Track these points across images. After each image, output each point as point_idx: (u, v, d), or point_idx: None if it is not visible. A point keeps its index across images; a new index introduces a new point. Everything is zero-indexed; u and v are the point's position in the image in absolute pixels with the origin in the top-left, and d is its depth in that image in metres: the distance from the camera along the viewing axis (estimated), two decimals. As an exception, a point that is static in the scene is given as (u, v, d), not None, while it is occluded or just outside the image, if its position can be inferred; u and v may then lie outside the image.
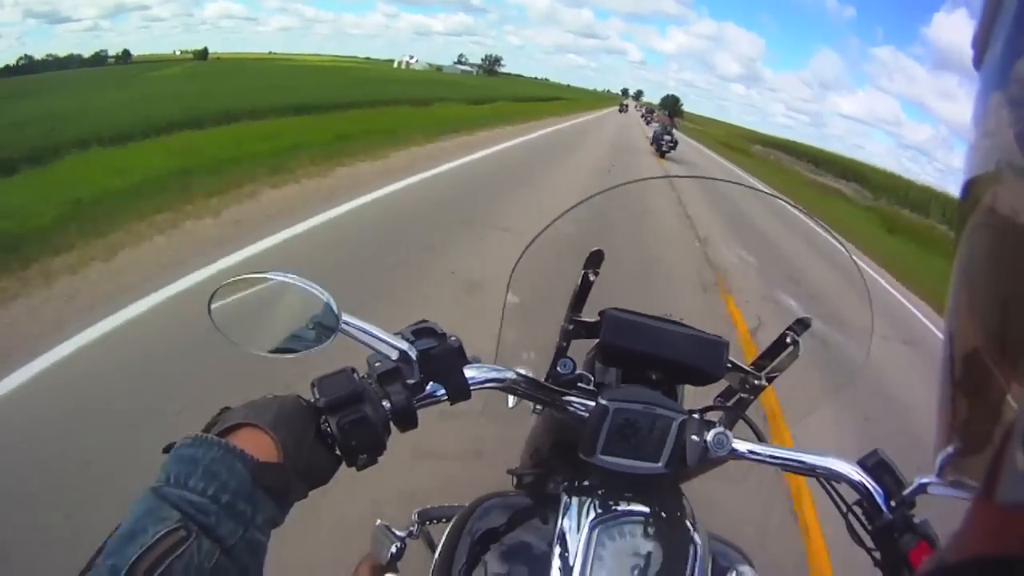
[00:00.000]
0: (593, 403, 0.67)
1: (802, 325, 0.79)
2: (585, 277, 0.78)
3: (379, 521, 1.15)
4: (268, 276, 0.55)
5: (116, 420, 2.14)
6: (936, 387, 0.26)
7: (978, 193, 0.22)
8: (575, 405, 0.69)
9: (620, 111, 57.60)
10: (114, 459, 1.88)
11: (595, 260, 0.78)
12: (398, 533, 1.09)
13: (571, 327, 0.81)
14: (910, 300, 7.47)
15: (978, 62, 0.24)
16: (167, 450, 0.46)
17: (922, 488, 0.66)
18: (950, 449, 0.24)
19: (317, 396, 0.54)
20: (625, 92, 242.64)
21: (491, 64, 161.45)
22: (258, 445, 0.47)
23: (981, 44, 0.24)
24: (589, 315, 0.81)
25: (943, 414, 0.25)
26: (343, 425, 0.53)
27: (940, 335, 0.26)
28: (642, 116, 48.56)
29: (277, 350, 0.58)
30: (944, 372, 0.25)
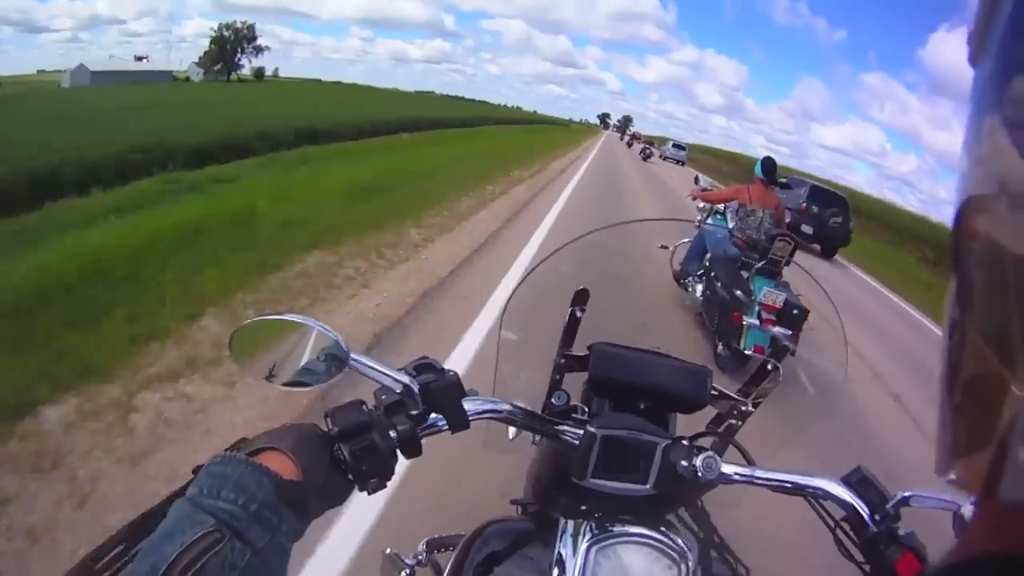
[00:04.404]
0: (583, 431, 0.71)
1: (783, 351, 0.84)
2: (572, 314, 0.83)
3: (388, 550, 1.17)
4: (284, 318, 0.61)
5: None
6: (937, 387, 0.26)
7: (974, 214, 0.23)
8: (568, 434, 0.73)
9: (628, 145, 45.59)
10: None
11: (581, 298, 0.83)
12: (407, 561, 1.11)
13: (563, 361, 0.85)
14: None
15: (974, 59, 0.24)
16: (196, 470, 0.51)
17: (904, 501, 0.70)
18: (951, 449, 0.24)
19: (330, 426, 0.59)
20: (604, 119, 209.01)
21: (232, 44, 63.11)
22: (280, 466, 0.51)
23: (977, 40, 0.24)
24: (580, 349, 0.85)
25: (944, 413, 0.25)
26: (354, 452, 0.58)
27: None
28: (641, 152, 34.05)
29: (292, 383, 0.63)
30: (944, 372, 0.25)
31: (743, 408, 0.84)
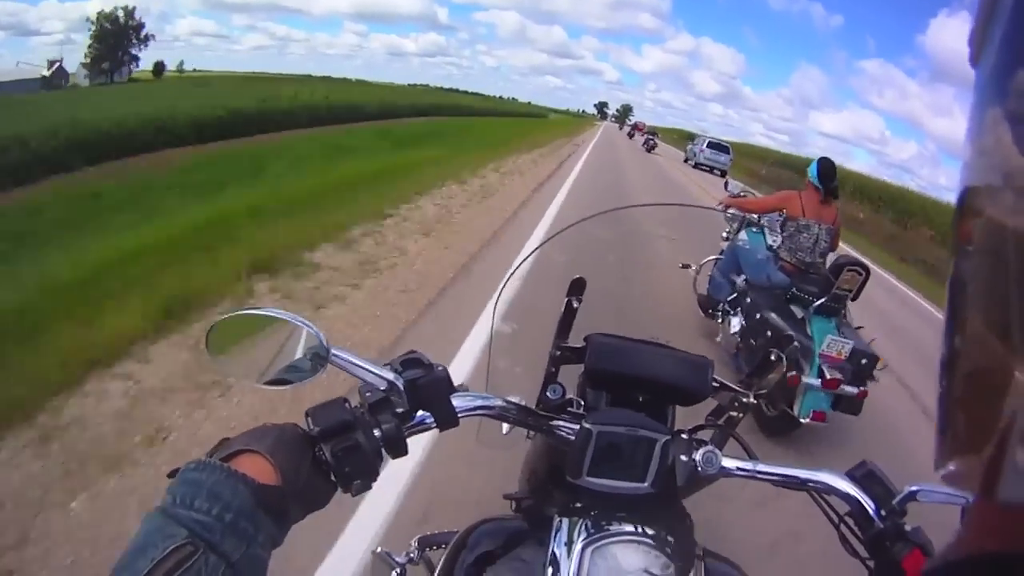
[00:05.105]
0: (578, 426, 0.69)
1: (786, 340, 0.82)
2: (569, 304, 0.81)
3: (379, 548, 1.16)
4: (261, 312, 0.58)
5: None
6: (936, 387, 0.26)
7: (975, 207, 0.23)
8: (563, 429, 0.71)
9: (630, 136, 40.57)
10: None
11: (578, 288, 0.80)
12: (398, 559, 1.10)
13: (558, 353, 0.83)
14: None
15: (975, 59, 0.24)
16: (172, 475, 0.49)
17: (911, 496, 0.68)
18: (950, 447, 0.24)
19: (312, 425, 0.56)
20: (601, 108, 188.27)
21: (116, 37, 52.57)
22: (258, 470, 0.50)
23: (978, 40, 0.24)
24: (576, 340, 0.83)
25: (942, 411, 0.25)
26: (337, 452, 0.56)
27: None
28: (644, 143, 30.37)
29: (271, 382, 0.61)
30: (943, 370, 0.25)
31: (745, 400, 0.81)
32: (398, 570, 1.08)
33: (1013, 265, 0.20)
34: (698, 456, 0.68)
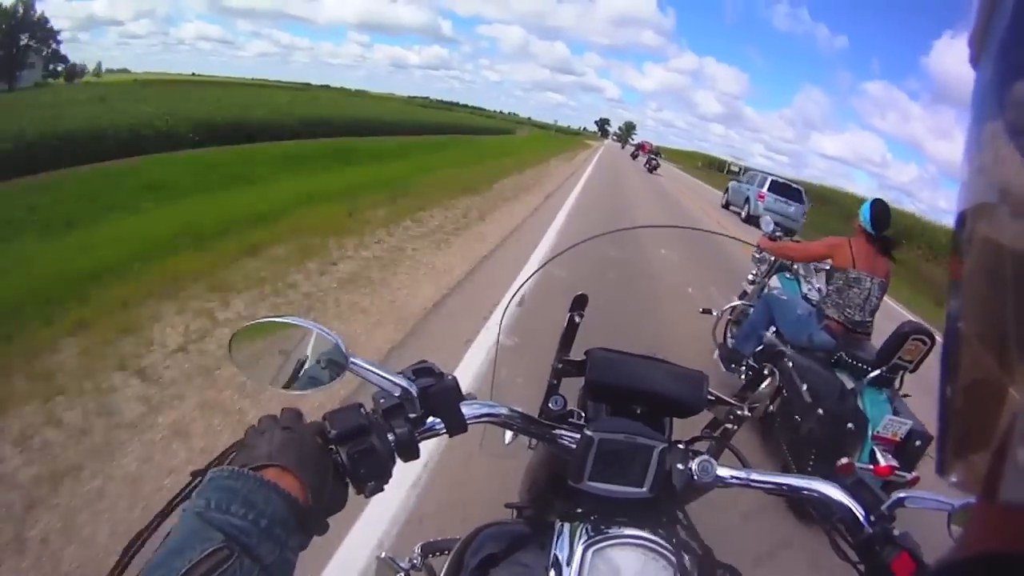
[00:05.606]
0: (580, 435, 0.72)
1: (779, 356, 0.85)
2: (571, 320, 0.84)
3: (383, 553, 1.18)
4: (284, 320, 0.61)
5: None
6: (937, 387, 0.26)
7: (974, 221, 0.23)
8: (565, 438, 0.74)
9: (633, 156, 37.80)
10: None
11: (579, 304, 0.84)
12: (402, 565, 1.12)
13: (560, 366, 0.86)
14: None
15: (975, 60, 0.24)
16: (195, 475, 0.51)
17: (899, 502, 0.71)
18: (952, 453, 0.24)
19: (329, 429, 0.59)
20: (603, 125, 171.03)
21: (15, 36, 38.33)
22: (288, 485, 0.51)
23: (978, 41, 0.23)
24: (577, 354, 0.86)
25: (944, 413, 0.25)
26: (353, 455, 0.58)
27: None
28: (646, 163, 28.80)
29: (292, 387, 0.63)
30: (944, 371, 0.25)
31: (739, 412, 0.84)
32: (402, 575, 1.10)
33: (1011, 284, 0.20)
34: (694, 465, 0.71)
